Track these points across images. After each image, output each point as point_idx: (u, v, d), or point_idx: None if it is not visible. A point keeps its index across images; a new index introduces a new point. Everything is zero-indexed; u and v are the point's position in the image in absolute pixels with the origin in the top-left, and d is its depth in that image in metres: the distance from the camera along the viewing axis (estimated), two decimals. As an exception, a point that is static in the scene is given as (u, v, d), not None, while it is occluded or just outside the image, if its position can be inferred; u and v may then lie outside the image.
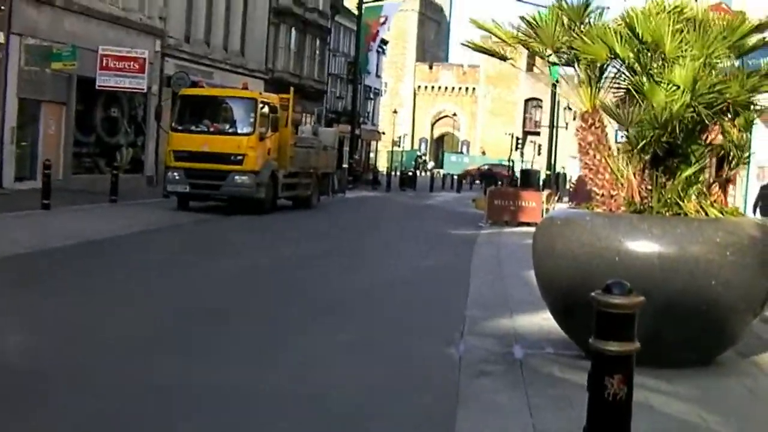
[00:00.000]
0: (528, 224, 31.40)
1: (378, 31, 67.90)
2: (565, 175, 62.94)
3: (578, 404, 8.07)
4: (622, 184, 10.33)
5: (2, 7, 32.24)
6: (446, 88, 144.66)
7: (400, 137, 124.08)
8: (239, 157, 29.59)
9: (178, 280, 15.40)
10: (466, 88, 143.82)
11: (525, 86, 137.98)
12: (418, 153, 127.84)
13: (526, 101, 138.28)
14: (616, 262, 9.33)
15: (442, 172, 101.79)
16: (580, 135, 10.83)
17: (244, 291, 14.69)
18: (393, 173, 71.45)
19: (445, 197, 58.91)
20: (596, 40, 10.15)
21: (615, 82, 10.82)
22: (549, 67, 42.46)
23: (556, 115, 62.07)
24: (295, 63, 63.10)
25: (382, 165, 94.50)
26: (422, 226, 31.94)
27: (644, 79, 10.01)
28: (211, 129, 30.37)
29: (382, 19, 67.36)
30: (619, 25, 10.25)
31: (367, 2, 64.73)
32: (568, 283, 9.78)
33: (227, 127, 30.73)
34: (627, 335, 5.59)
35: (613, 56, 10.25)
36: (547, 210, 32.00)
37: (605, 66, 10.69)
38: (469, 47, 11.89)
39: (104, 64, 37.27)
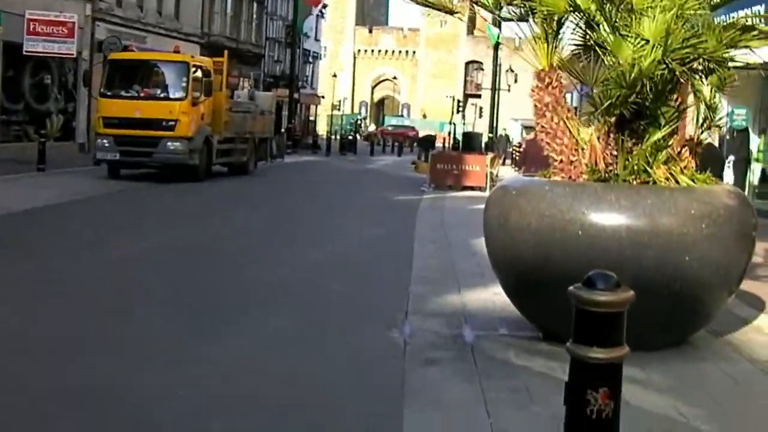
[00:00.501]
0: (472, 188, 30.64)
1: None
2: (507, 137, 62.04)
3: (540, 399, 7.19)
4: (583, 149, 9.36)
5: None
6: (386, 51, 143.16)
7: (340, 101, 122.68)
8: (171, 123, 28.37)
9: (93, 260, 14.16)
10: (407, 52, 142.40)
11: (465, 49, 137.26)
12: (359, 116, 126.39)
13: (467, 64, 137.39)
14: (579, 237, 8.41)
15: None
16: (536, 96, 9.84)
17: (166, 272, 13.48)
18: (333, 137, 70.15)
19: (385, 161, 57.92)
20: (554, -11, 9.13)
21: (574, 38, 9.80)
22: (488, 29, 41.49)
23: (498, 77, 61.06)
24: (232, 27, 61.48)
25: (323, 129, 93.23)
26: (362, 191, 30.94)
27: (608, 32, 9.00)
28: (142, 94, 29.05)
29: None
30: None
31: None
32: (525, 259, 8.86)
33: (158, 92, 29.38)
34: (614, 339, 4.48)
35: (572, 8, 9.24)
36: (492, 174, 31.22)
37: (563, 20, 9.68)
38: (413, 1, 10.67)
39: (32, 29, 35.76)
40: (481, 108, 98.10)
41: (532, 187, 9.29)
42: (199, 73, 29.49)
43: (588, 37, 9.58)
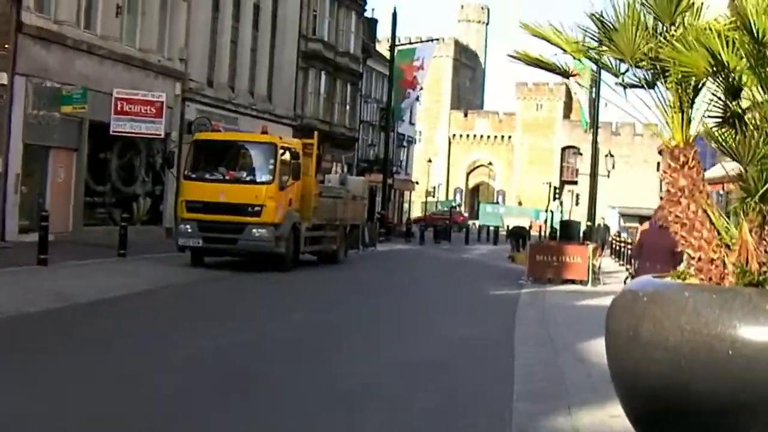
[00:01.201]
0: (573, 281, 28.80)
1: (415, 76, 64.98)
2: (606, 226, 59.64)
3: None
4: (728, 246, 7.59)
5: (6, 46, 29.98)
6: (482, 136, 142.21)
7: (434, 187, 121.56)
8: (257, 208, 26.99)
9: (160, 355, 12.70)
10: (502, 137, 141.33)
11: (562, 134, 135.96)
12: (453, 203, 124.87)
13: (563, 149, 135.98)
14: (729, 357, 6.60)
15: (477, 223, 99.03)
16: (669, 178, 8.11)
17: (236, 372, 11.93)
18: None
19: (481, 250, 56.11)
20: (693, 46, 7.40)
21: (714, 105, 8.06)
22: (582, 113, 39.87)
23: (596, 162, 59.12)
24: (325, 109, 60.48)
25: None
26: (457, 284, 29.25)
27: (765, 97, 7.26)
28: (227, 177, 27.70)
29: (416, 63, 64.26)
30: (723, 24, 7.53)
31: (399, 45, 62.44)
32: (659, 382, 7.07)
33: (244, 175, 28.01)
34: None
35: (715, 68, 7.49)
36: (594, 266, 29.35)
37: (701, 84, 7.97)
38: (519, 59, 8.85)
39: (119, 108, 35.27)
40: (578, 195, 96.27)
41: (668, 292, 7.49)
42: (287, 156, 28.16)
43: (731, 106, 7.85)
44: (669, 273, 8.51)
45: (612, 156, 63.62)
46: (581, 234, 51.28)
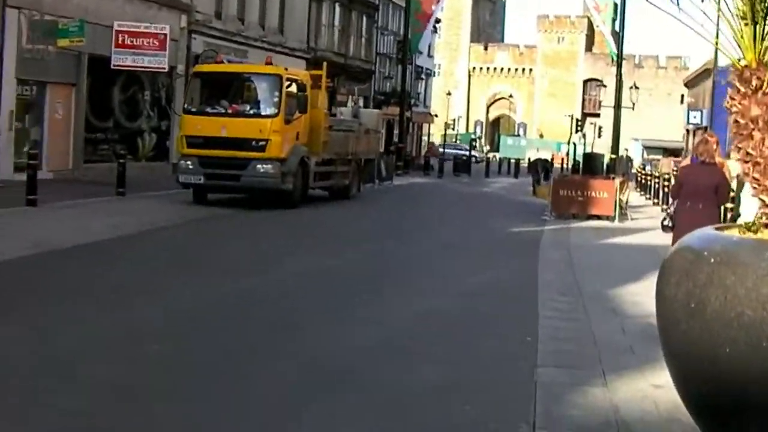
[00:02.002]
0: (599, 217, 27.17)
1: (433, 9, 62.76)
2: (629, 158, 57.61)
3: None
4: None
5: (-3, -24, 28.34)
6: (502, 69, 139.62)
7: (454, 120, 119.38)
8: (262, 143, 25.31)
9: (136, 314, 11.12)
10: (523, 69, 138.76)
11: (584, 66, 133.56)
12: (473, 136, 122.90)
13: (585, 82, 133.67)
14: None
15: (498, 155, 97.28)
16: (738, 106, 6.45)
17: (216, 329, 10.39)
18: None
19: (501, 183, 54.38)
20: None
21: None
22: (608, 44, 38.01)
23: (620, 94, 57.06)
24: (340, 42, 58.47)
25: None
26: (475, 221, 27.45)
27: None
28: (230, 111, 25.94)
29: None
30: None
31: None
32: (730, 366, 5.47)
33: (248, 108, 26.25)
34: None
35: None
36: (621, 201, 27.66)
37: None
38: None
39: (120, 41, 33.59)
40: (600, 127, 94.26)
41: (742, 253, 5.80)
42: (293, 88, 26.42)
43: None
44: (733, 224, 6.88)
45: (637, 88, 61.64)
46: (605, 167, 49.65)
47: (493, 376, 8.99)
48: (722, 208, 13.37)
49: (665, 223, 13.69)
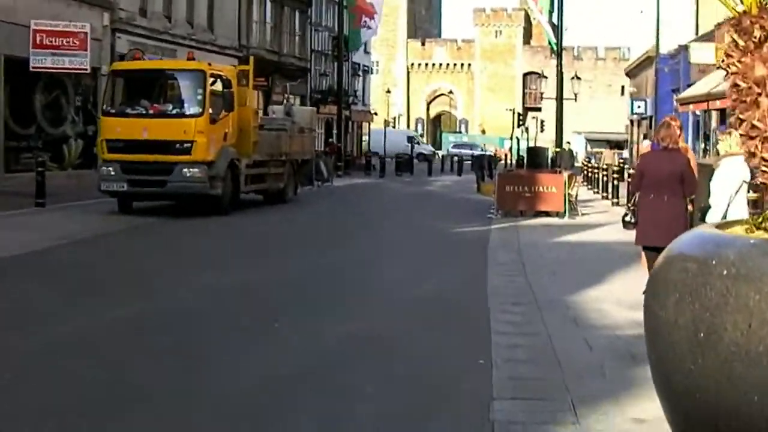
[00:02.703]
0: (548, 214, 25.79)
1: (371, 3, 60.97)
2: (570, 151, 56.21)
3: None
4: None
5: None
6: (441, 65, 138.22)
7: (394, 117, 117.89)
8: (187, 145, 23.66)
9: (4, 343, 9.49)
10: (462, 65, 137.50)
11: (522, 60, 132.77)
12: (415, 133, 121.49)
13: (525, 75, 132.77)
14: None
15: (440, 153, 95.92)
16: (736, 66, 4.97)
17: (87, 371, 8.75)
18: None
19: (444, 182, 52.83)
20: None
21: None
22: (548, 38, 36.52)
23: (561, 85, 55.89)
24: (273, 39, 56.65)
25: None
26: (418, 221, 25.82)
27: None
28: (151, 111, 24.26)
29: None
30: None
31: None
32: (751, 410, 4.00)
33: (170, 108, 24.56)
34: None
35: None
36: (571, 196, 26.30)
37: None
38: None
39: (38, 42, 31.72)
40: (542, 121, 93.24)
41: (764, 262, 4.28)
42: (218, 85, 24.74)
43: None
44: (733, 221, 5.42)
45: (579, 78, 60.40)
46: (549, 161, 48.44)
47: (440, 415, 7.44)
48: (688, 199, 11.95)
49: (627, 219, 12.37)
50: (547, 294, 12.58)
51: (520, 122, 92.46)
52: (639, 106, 53.89)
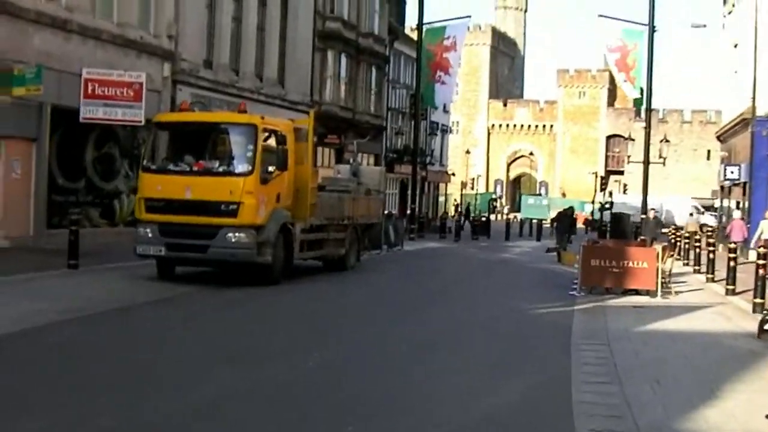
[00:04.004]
0: (637, 292, 22.92)
1: (446, 58, 58.16)
2: (657, 219, 52.80)
3: None
4: None
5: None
6: (522, 126, 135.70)
7: (473, 179, 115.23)
8: (233, 207, 21.05)
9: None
10: (543, 126, 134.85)
11: (606, 122, 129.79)
12: (493, 196, 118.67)
13: (608, 138, 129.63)
14: None
15: (519, 216, 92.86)
16: None
17: None
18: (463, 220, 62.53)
19: (522, 247, 49.75)
20: None
21: None
22: (633, 98, 33.04)
23: (648, 148, 52.83)
24: (347, 95, 54.30)
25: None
26: (490, 298, 22.89)
27: None
28: (195, 168, 21.70)
29: (447, 42, 57.30)
30: None
31: (428, 24, 56.22)
32: None
33: (217, 165, 21.91)
34: None
35: None
36: (664, 272, 23.41)
37: None
38: None
39: (90, 91, 29.63)
40: (625, 185, 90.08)
41: None
42: (272, 140, 22.14)
43: None
44: None
45: (668, 141, 57.31)
46: (637, 228, 45.39)
47: None
48: None
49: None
50: (650, 416, 9.75)
51: (603, 186, 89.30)
52: (732, 172, 50.44)
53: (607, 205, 73.47)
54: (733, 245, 25.31)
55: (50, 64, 27.70)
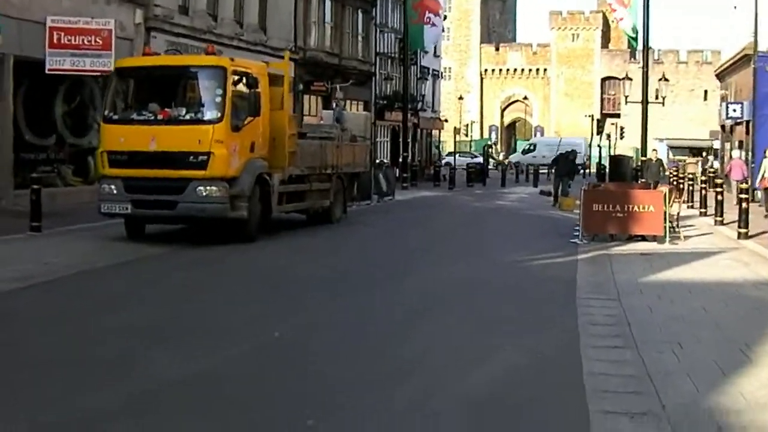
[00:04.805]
0: (644, 238, 21.28)
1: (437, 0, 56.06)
2: (659, 160, 50.82)
3: None
4: None
5: None
6: (515, 70, 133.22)
7: (467, 125, 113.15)
8: (202, 158, 19.19)
9: None
10: (537, 70, 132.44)
11: (600, 64, 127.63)
12: (489, 142, 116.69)
13: (603, 80, 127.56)
14: None
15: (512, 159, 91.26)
16: None
17: None
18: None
19: (519, 194, 48.00)
20: None
21: None
22: (628, 38, 31.13)
23: (646, 88, 50.93)
24: (333, 40, 52.18)
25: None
26: (485, 250, 21.07)
27: None
28: (160, 117, 19.76)
29: None
30: None
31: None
32: None
33: (183, 112, 19.93)
34: None
35: None
36: (671, 216, 21.75)
37: None
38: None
39: (55, 41, 27.78)
40: (622, 128, 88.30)
41: None
42: (242, 84, 20.25)
43: None
44: None
45: (666, 80, 55.29)
46: (635, 171, 43.81)
47: None
48: None
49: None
50: (676, 391, 8.07)
51: (600, 129, 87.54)
52: (734, 110, 48.65)
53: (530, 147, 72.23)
54: (744, 186, 23.68)
55: (10, 13, 25.94)
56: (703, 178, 36.45)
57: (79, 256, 17.51)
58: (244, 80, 20.21)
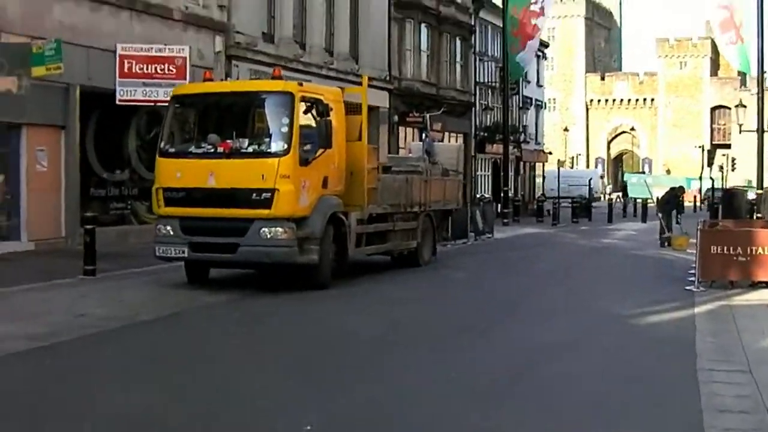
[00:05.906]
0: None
1: (534, 24, 53.47)
2: (772, 193, 47.43)
3: None
4: None
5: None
6: (621, 100, 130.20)
7: (572, 158, 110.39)
8: (266, 195, 17.07)
9: None
10: (644, 99, 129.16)
11: (710, 93, 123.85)
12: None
13: (712, 110, 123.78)
14: None
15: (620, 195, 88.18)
16: None
17: None
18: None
19: (627, 230, 45.05)
20: None
21: None
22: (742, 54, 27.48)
23: (761, 115, 47.77)
24: (430, 69, 49.92)
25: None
26: (586, 301, 18.31)
27: None
28: (220, 149, 17.71)
29: (534, 6, 52.59)
30: None
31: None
32: None
33: (246, 144, 17.81)
34: None
35: None
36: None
37: None
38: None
39: (126, 69, 26.36)
40: (733, 159, 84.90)
41: None
42: (312, 112, 18.03)
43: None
44: None
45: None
46: (751, 205, 40.66)
47: None
48: None
49: None
50: None
51: (711, 160, 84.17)
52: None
53: None
54: None
55: (76, 40, 24.27)
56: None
57: (121, 307, 15.46)
58: (315, 108, 18.01)
